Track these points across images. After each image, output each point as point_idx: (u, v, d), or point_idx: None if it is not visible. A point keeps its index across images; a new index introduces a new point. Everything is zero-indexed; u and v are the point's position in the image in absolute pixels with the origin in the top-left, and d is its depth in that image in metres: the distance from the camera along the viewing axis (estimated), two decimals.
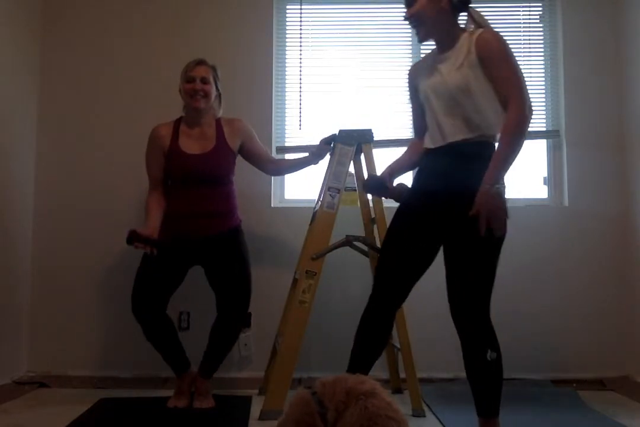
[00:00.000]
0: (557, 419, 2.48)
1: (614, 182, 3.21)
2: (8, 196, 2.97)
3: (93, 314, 3.16)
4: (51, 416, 2.48)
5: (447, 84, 2.09)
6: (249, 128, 2.80)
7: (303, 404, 1.57)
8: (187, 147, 2.67)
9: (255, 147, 2.80)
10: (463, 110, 2.07)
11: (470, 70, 2.06)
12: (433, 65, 2.17)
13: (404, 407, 2.61)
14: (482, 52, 2.05)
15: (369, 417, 1.45)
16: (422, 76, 2.21)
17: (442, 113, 2.12)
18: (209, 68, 2.69)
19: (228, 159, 2.71)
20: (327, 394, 1.55)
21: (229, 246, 2.68)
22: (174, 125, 2.73)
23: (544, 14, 3.37)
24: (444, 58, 2.14)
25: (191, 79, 2.65)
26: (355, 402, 1.48)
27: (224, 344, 2.70)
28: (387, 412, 1.47)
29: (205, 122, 2.72)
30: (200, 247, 2.65)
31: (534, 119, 3.26)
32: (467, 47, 2.08)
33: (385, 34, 3.36)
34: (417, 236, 2.17)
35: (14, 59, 3.02)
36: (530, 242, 3.18)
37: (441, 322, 3.13)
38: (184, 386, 2.69)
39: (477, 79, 2.06)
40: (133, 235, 2.55)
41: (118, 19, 3.29)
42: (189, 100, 2.66)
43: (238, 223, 2.74)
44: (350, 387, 1.53)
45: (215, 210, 2.65)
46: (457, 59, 2.09)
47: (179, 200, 2.66)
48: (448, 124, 2.10)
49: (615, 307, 3.15)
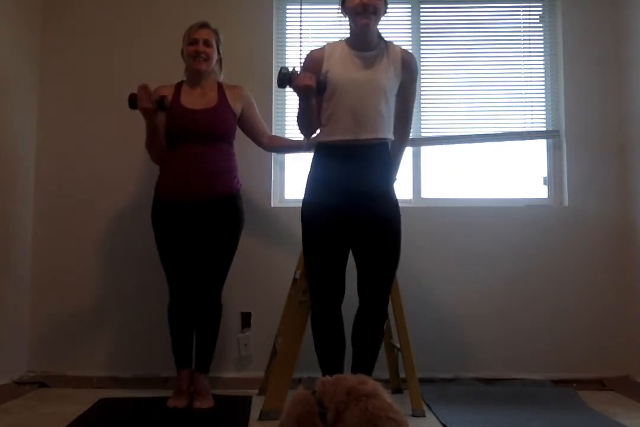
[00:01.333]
0: (557, 419, 2.48)
1: (614, 182, 3.21)
2: (8, 196, 2.97)
3: (93, 314, 3.16)
4: (51, 416, 2.48)
5: (374, 82, 2.31)
6: (250, 96, 2.82)
7: (303, 404, 1.56)
8: (189, 104, 2.69)
9: (254, 116, 2.81)
10: (379, 109, 2.30)
11: (392, 78, 2.35)
12: (351, 59, 2.35)
13: (404, 407, 2.61)
14: (407, 70, 2.39)
15: (370, 418, 1.45)
16: (338, 66, 2.34)
17: (361, 107, 2.30)
18: (211, 31, 2.72)
19: (229, 117, 2.72)
20: (328, 394, 1.55)
21: (227, 213, 2.68)
22: (176, 86, 2.76)
23: (544, 14, 3.37)
24: (366, 56, 2.35)
25: (194, 41, 2.67)
26: (356, 403, 1.48)
27: (211, 329, 2.69)
28: (388, 413, 1.47)
29: (207, 84, 2.75)
30: (200, 210, 2.64)
31: (534, 119, 3.33)
32: (391, 57, 2.36)
33: (385, 34, 3.34)
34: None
35: (14, 58, 3.02)
36: (530, 242, 3.18)
37: (441, 322, 3.14)
38: (184, 386, 2.69)
39: (394, 87, 2.37)
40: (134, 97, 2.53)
41: (118, 19, 3.29)
42: (191, 62, 2.69)
43: (238, 188, 2.74)
44: (351, 387, 1.53)
45: (216, 168, 2.65)
46: (381, 63, 2.35)
47: (180, 158, 2.65)
48: (365, 119, 2.29)
49: (616, 307, 3.15)
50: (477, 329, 3.13)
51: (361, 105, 2.31)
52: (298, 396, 1.60)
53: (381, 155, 2.36)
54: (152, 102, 2.54)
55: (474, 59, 3.36)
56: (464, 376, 3.09)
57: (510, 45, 3.38)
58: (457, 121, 3.34)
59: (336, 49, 2.39)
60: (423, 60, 3.35)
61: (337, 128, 2.32)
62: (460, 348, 3.14)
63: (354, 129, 2.30)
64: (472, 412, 2.58)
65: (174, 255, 2.68)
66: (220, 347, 2.84)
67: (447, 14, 3.39)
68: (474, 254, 3.17)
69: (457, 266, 3.16)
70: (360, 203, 2.30)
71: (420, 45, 3.36)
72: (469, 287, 3.15)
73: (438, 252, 3.15)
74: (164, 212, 2.69)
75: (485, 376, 3.08)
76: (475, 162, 3.35)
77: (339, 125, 2.32)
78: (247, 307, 3.14)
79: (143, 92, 2.53)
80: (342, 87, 2.32)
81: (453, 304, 3.13)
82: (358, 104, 2.31)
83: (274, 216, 3.20)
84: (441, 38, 3.38)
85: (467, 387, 2.97)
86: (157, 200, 2.72)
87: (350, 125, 2.30)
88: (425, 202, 3.29)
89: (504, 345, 3.14)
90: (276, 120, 3.30)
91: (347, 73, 2.34)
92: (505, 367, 3.12)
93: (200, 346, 2.70)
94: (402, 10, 3.39)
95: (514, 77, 3.35)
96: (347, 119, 2.31)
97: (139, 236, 3.06)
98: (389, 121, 2.36)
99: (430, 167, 3.34)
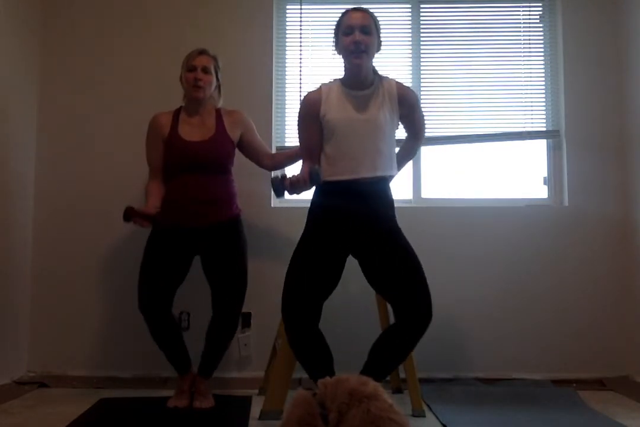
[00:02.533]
0: (557, 419, 2.48)
1: (614, 182, 3.21)
2: (8, 197, 2.97)
3: (93, 314, 3.16)
4: (51, 416, 2.48)
5: (371, 121, 2.31)
6: (248, 120, 2.80)
7: (304, 405, 1.56)
8: (187, 135, 2.68)
9: (253, 139, 2.80)
10: (378, 147, 2.31)
11: (389, 114, 2.35)
12: (347, 100, 2.35)
13: (404, 407, 2.61)
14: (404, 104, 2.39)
15: (372, 420, 1.45)
16: (335, 108, 2.35)
17: (359, 147, 2.30)
18: (210, 58, 2.71)
19: (227, 147, 2.71)
20: (329, 395, 1.54)
21: (229, 236, 2.68)
22: (174, 114, 2.75)
23: (544, 14, 3.37)
24: (361, 95, 2.35)
25: (192, 68, 2.66)
26: (358, 405, 1.48)
27: (221, 343, 2.70)
28: (390, 415, 1.47)
29: (205, 112, 2.74)
30: (199, 236, 2.64)
31: (534, 119, 3.33)
32: (386, 93, 2.36)
33: (385, 34, 3.34)
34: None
35: (14, 59, 3.02)
36: (530, 242, 3.18)
37: (441, 322, 3.14)
38: (185, 386, 2.69)
39: (392, 122, 2.37)
40: (130, 211, 2.54)
41: (118, 19, 3.29)
42: (189, 90, 2.68)
43: (237, 213, 2.74)
44: (352, 388, 1.53)
45: (214, 198, 2.65)
46: (377, 100, 2.35)
47: (178, 187, 2.65)
48: (364, 158, 2.30)
49: (615, 307, 3.15)
50: (477, 329, 3.13)
51: (359, 145, 2.31)
52: (299, 397, 1.60)
53: (381, 191, 2.37)
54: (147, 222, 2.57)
55: (474, 59, 3.36)
56: (464, 376, 3.09)
57: (510, 45, 3.38)
58: (457, 121, 3.34)
59: (332, 90, 2.40)
60: (423, 60, 3.35)
61: (337, 169, 2.33)
62: (460, 348, 3.14)
63: (354, 168, 2.31)
64: (472, 412, 2.58)
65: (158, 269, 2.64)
66: None
67: (447, 14, 3.39)
68: (474, 254, 3.17)
69: (457, 266, 3.16)
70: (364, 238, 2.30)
71: (420, 45, 3.36)
72: (468, 287, 3.15)
73: (438, 252, 3.15)
74: (162, 234, 2.66)
75: (485, 376, 3.08)
76: (475, 162, 3.35)
77: (339, 167, 2.33)
78: (247, 307, 3.12)
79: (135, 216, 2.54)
80: (340, 129, 2.33)
81: (453, 303, 3.13)
82: (356, 144, 2.32)
83: (274, 216, 3.20)
84: (441, 38, 3.38)
85: (467, 387, 2.97)
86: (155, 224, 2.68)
87: (349, 165, 2.31)
88: (425, 202, 3.29)
89: (504, 345, 3.14)
90: (276, 121, 3.30)
91: (344, 114, 2.34)
92: (505, 367, 3.12)
93: (208, 355, 2.70)
94: (402, 10, 3.39)
95: (514, 77, 3.36)
96: (347, 159, 2.32)
97: (139, 237, 3.06)
98: (389, 158, 2.37)
99: (430, 167, 3.34)
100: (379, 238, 2.30)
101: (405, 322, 2.23)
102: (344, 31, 2.33)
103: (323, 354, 2.27)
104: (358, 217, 2.31)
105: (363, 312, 2.99)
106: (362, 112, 2.34)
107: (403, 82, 2.46)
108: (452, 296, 3.13)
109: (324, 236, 2.32)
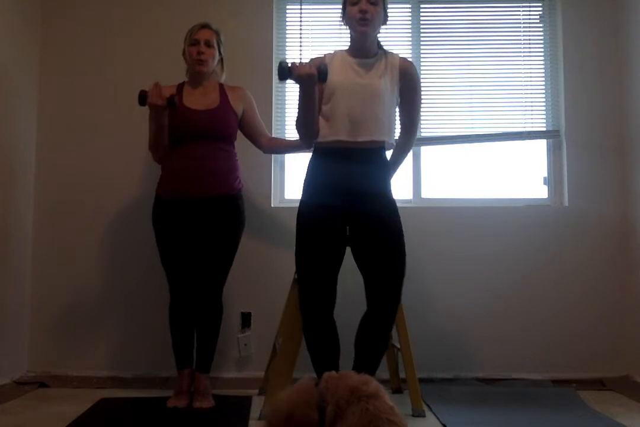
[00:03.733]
0: (557, 419, 2.48)
1: (614, 182, 3.21)
2: (8, 195, 2.97)
3: (93, 314, 3.16)
4: (51, 416, 2.48)
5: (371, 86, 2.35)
6: (251, 97, 2.82)
7: (304, 392, 1.57)
8: (192, 104, 2.69)
9: (254, 117, 2.81)
10: (376, 113, 2.34)
11: (389, 83, 2.38)
12: (350, 66, 2.40)
13: (404, 408, 2.61)
14: (405, 77, 2.42)
15: (370, 419, 1.45)
16: (337, 72, 2.38)
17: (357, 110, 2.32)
18: (212, 32, 2.72)
19: (231, 117, 2.73)
20: (330, 388, 1.55)
21: (228, 211, 2.68)
22: (178, 86, 2.77)
23: (544, 14, 3.37)
24: (364, 63, 2.40)
25: (195, 42, 2.68)
26: (357, 403, 1.49)
27: (211, 330, 2.69)
28: (389, 416, 1.47)
29: (209, 85, 2.76)
30: (201, 207, 2.64)
31: (534, 119, 3.33)
32: (389, 64, 2.40)
33: (385, 34, 3.35)
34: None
35: (14, 58, 3.02)
36: (530, 242, 3.18)
37: (441, 322, 3.14)
38: (184, 386, 2.69)
39: (392, 92, 2.40)
40: (144, 93, 2.52)
41: (118, 18, 3.29)
42: (192, 63, 2.69)
43: (239, 188, 2.74)
44: (354, 386, 1.54)
45: (217, 167, 2.66)
46: (379, 69, 2.39)
47: (181, 157, 2.65)
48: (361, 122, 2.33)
49: (615, 307, 3.15)
50: (477, 329, 3.13)
51: (358, 108, 2.34)
52: (301, 384, 1.62)
53: (378, 157, 2.38)
54: (163, 99, 2.53)
55: (474, 59, 3.36)
56: (464, 376, 3.09)
57: (510, 45, 3.38)
58: (457, 121, 3.34)
59: (336, 57, 2.44)
60: (423, 60, 3.35)
61: (334, 130, 2.35)
62: (460, 348, 3.14)
63: (350, 131, 2.33)
64: (472, 412, 2.58)
65: (174, 254, 2.68)
66: (220, 347, 2.83)
67: (447, 14, 3.39)
68: (473, 254, 3.17)
69: (457, 266, 3.16)
70: (357, 202, 2.32)
71: (420, 45, 3.36)
72: (468, 287, 3.15)
73: (438, 252, 3.15)
74: (164, 210, 2.69)
75: (485, 376, 3.08)
76: (475, 162, 3.35)
77: (336, 127, 2.35)
78: (247, 307, 3.14)
79: (155, 89, 2.53)
80: (339, 91, 2.36)
81: (453, 304, 3.13)
82: (355, 107, 2.34)
83: (274, 216, 3.20)
84: (441, 38, 3.38)
85: (467, 387, 2.97)
86: (158, 198, 2.72)
87: (346, 127, 2.33)
88: (425, 202, 3.29)
89: (504, 345, 3.14)
90: (276, 120, 3.30)
91: (345, 78, 2.38)
92: (505, 367, 3.12)
93: (201, 346, 2.70)
94: (402, 10, 3.39)
95: (514, 77, 3.36)
96: (344, 121, 2.34)
97: (140, 235, 3.07)
98: (388, 125, 2.39)
99: (430, 167, 3.34)
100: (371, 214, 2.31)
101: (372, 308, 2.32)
102: (350, 1, 2.37)
103: (332, 347, 2.33)
104: (352, 182, 2.32)
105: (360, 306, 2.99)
106: (362, 77, 2.38)
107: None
108: (452, 296, 3.13)
109: (322, 202, 2.33)
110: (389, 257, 2.30)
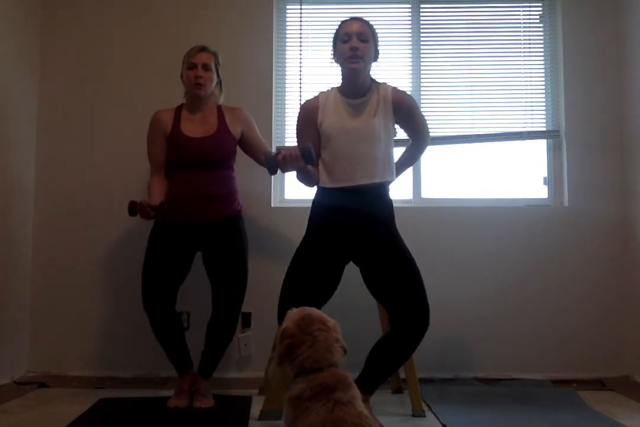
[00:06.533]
0: (557, 419, 2.48)
1: (614, 182, 3.21)
2: (8, 195, 2.97)
3: (93, 314, 3.16)
4: (51, 416, 2.48)
5: (366, 129, 2.33)
6: (249, 117, 2.81)
7: (307, 311, 1.64)
8: (190, 131, 2.68)
9: (254, 136, 2.80)
10: (374, 154, 2.33)
11: (384, 121, 2.37)
12: (343, 107, 2.39)
13: (404, 407, 2.62)
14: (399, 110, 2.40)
15: (334, 421, 1.40)
16: (331, 115, 2.38)
17: (356, 154, 2.33)
18: (210, 54, 2.71)
19: (229, 143, 2.72)
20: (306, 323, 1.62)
21: (230, 232, 2.68)
22: (176, 111, 2.75)
23: (544, 14, 3.37)
24: (356, 104, 2.38)
25: (193, 66, 2.66)
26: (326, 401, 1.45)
27: (221, 341, 2.69)
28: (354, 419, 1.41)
29: (207, 108, 2.74)
30: (201, 231, 2.65)
31: (534, 119, 3.33)
32: (381, 100, 2.38)
33: (385, 34, 3.35)
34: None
35: (14, 58, 3.02)
36: (530, 242, 3.18)
37: (441, 322, 3.13)
38: (185, 386, 2.69)
39: (387, 129, 2.38)
40: (134, 204, 2.51)
41: (118, 19, 3.29)
42: (190, 88, 2.68)
43: (239, 209, 2.74)
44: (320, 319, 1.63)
45: (216, 193, 2.65)
46: (372, 107, 2.37)
47: (180, 183, 2.65)
48: (361, 165, 2.32)
49: (615, 307, 3.15)
50: (477, 329, 3.13)
51: (356, 152, 2.34)
52: (305, 310, 1.66)
53: (380, 196, 2.39)
54: (152, 212, 2.52)
55: (474, 59, 3.36)
56: (464, 376, 3.09)
57: (510, 45, 3.38)
58: (457, 121, 3.34)
59: (329, 98, 2.43)
60: (423, 60, 3.35)
61: (334, 176, 2.37)
62: (460, 348, 3.14)
63: (350, 175, 2.34)
64: (472, 412, 2.58)
65: (160, 268, 2.64)
66: None
67: (447, 14, 3.39)
68: (474, 254, 3.17)
69: (457, 266, 3.16)
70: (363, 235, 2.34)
71: (420, 45, 3.36)
72: (468, 287, 3.15)
73: (438, 252, 3.15)
74: (164, 232, 2.67)
75: (485, 376, 3.08)
76: (475, 162, 3.35)
77: (336, 174, 2.36)
78: (247, 307, 3.12)
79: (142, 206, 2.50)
80: (336, 136, 2.36)
81: (453, 304, 3.13)
82: (352, 151, 2.34)
83: (274, 216, 3.20)
84: (441, 38, 3.38)
85: (467, 387, 2.97)
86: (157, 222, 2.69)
87: (346, 171, 2.35)
88: (425, 202, 3.29)
89: (504, 345, 3.14)
90: (276, 121, 3.30)
91: (338, 121, 2.37)
92: (505, 367, 3.12)
93: (209, 353, 2.70)
94: (402, 10, 3.39)
95: (514, 77, 3.36)
96: (343, 165, 2.35)
97: (139, 238, 3.06)
98: (386, 164, 2.39)
99: (430, 167, 3.34)
100: (377, 244, 2.32)
101: (401, 331, 2.25)
102: (341, 38, 2.36)
103: None
104: (356, 224, 2.33)
105: (363, 313, 2.99)
106: (356, 120, 2.37)
107: (403, 82, 2.47)
108: (452, 296, 3.13)
109: (323, 242, 2.34)
110: (410, 300, 2.27)
